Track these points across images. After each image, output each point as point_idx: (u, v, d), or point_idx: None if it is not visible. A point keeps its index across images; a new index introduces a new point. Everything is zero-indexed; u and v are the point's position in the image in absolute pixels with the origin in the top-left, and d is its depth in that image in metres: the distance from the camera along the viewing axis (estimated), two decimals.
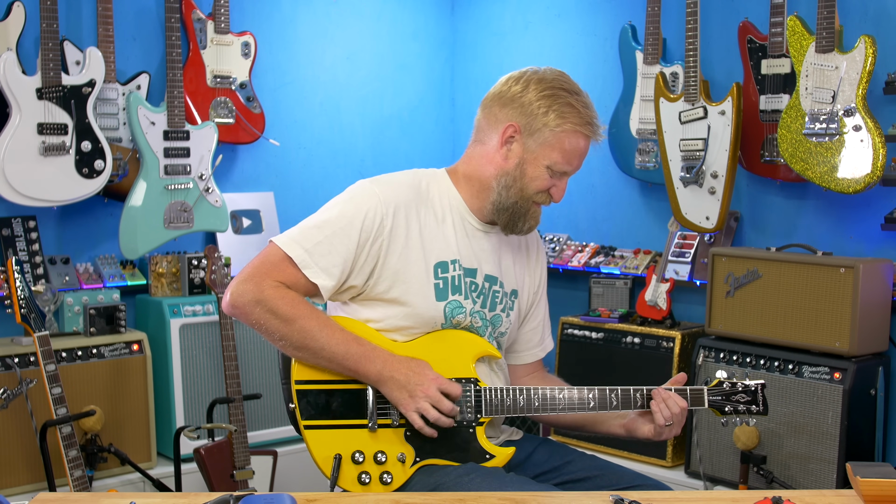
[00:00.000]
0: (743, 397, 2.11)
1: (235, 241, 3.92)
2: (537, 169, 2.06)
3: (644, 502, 1.67)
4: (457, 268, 2.08)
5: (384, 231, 2.00)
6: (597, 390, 2.05)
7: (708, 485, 3.33)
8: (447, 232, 2.08)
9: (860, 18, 3.28)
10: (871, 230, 3.31)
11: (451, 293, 2.06)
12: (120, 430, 3.42)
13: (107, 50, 3.50)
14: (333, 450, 1.97)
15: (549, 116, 2.03)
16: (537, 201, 2.09)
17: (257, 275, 1.97)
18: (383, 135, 4.52)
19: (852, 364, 3.05)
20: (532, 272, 2.26)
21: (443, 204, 2.11)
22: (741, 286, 3.34)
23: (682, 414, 2.04)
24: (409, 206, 2.05)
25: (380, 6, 4.48)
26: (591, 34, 4.18)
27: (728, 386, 2.11)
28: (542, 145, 2.04)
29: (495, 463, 2.04)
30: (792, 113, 3.24)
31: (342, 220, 1.99)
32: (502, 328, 2.16)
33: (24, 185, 3.30)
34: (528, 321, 2.27)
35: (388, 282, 2.02)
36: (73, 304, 3.48)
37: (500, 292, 2.15)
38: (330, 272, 1.98)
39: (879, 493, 1.64)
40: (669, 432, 2.06)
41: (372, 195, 2.02)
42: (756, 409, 2.12)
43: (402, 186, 2.07)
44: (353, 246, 1.99)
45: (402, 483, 1.99)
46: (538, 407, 2.04)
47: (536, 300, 2.28)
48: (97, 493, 2.42)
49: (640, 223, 4.04)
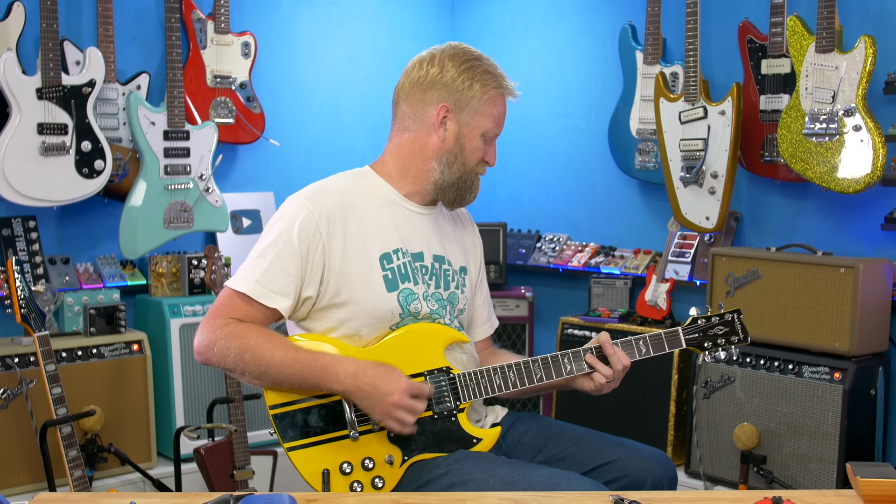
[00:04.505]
0: (720, 329, 2.13)
1: (235, 241, 3.92)
2: (474, 140, 2.11)
3: (644, 502, 1.67)
4: (401, 255, 2.10)
5: (321, 238, 2.03)
6: (550, 358, 2.09)
7: (708, 485, 3.33)
8: (385, 223, 2.11)
9: (860, 18, 3.28)
10: (871, 230, 3.31)
11: (402, 282, 2.08)
12: (120, 430, 3.42)
13: (107, 50, 3.50)
14: (320, 466, 1.96)
15: (474, 88, 2.09)
16: (478, 172, 2.15)
17: (210, 318, 2.00)
18: (383, 135, 4.45)
19: (852, 364, 3.05)
20: (473, 247, 2.31)
21: (373, 197, 2.13)
22: (741, 286, 3.34)
23: (624, 371, 2.09)
24: (342, 208, 2.07)
25: (380, 6, 4.48)
26: (591, 34, 4.18)
27: (703, 321, 2.13)
28: (475, 116, 2.10)
29: (482, 446, 2.04)
30: (792, 113, 3.24)
31: (280, 240, 2.02)
32: (460, 305, 2.19)
33: (24, 185, 3.30)
34: (475, 297, 2.31)
35: (336, 285, 2.04)
36: (73, 304, 3.48)
37: (450, 270, 2.17)
38: (285, 293, 2.00)
39: (879, 493, 1.64)
40: (608, 388, 2.10)
41: (302, 208, 2.05)
42: (736, 338, 2.13)
43: (329, 192, 2.11)
44: (298, 261, 2.01)
45: (395, 484, 1.99)
46: (514, 383, 2.06)
47: (480, 275, 2.32)
48: (97, 493, 2.42)
49: (640, 223, 4.04)
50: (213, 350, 1.97)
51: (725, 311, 2.15)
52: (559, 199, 4.35)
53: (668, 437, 3.50)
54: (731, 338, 2.14)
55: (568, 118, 4.30)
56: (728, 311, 2.14)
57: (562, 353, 2.09)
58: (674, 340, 2.12)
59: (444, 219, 2.23)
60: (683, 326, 2.14)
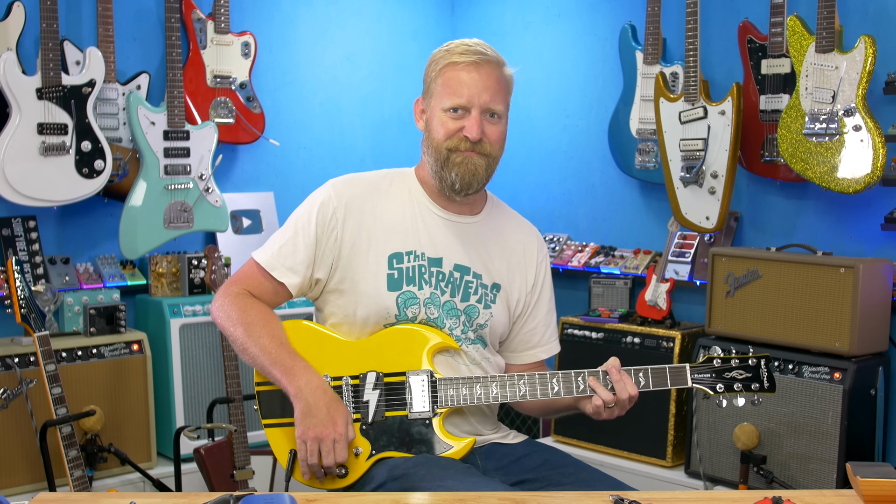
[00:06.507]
0: (740, 374, 2.00)
1: (235, 241, 3.92)
2: (436, 117, 2.10)
3: (644, 502, 1.67)
4: (414, 258, 2.09)
5: (337, 223, 2.09)
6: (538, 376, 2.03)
7: (708, 485, 3.33)
8: (406, 223, 2.12)
9: (860, 18, 3.28)
10: (871, 230, 3.31)
11: (406, 284, 2.08)
12: (120, 430, 3.42)
13: (107, 50, 3.50)
14: (290, 446, 2.01)
15: (431, 72, 2.12)
16: (451, 147, 2.08)
17: (229, 283, 2.13)
18: (383, 135, 4.52)
19: (852, 364, 3.05)
20: (525, 271, 2.23)
21: (403, 198, 2.14)
22: (741, 286, 3.34)
23: (630, 401, 1.99)
24: (364, 200, 2.11)
25: (380, 6, 4.48)
26: (591, 34, 4.18)
27: (719, 362, 2.00)
28: (434, 96, 2.11)
29: (453, 454, 2.02)
30: (792, 113, 3.24)
31: (301, 219, 2.11)
32: (480, 320, 2.14)
33: (24, 185, 3.30)
34: (525, 321, 2.25)
35: (342, 272, 2.09)
36: (73, 304, 3.48)
37: (473, 283, 2.14)
38: (295, 269, 2.09)
39: (879, 493, 1.64)
40: (610, 414, 2.01)
41: (326, 191, 2.12)
42: (757, 386, 1.98)
43: (360, 182, 2.16)
44: (313, 240, 2.09)
45: (360, 476, 1.99)
46: (496, 396, 2.03)
47: (533, 301, 2.25)
48: (97, 493, 2.42)
49: (640, 223, 4.04)
50: (219, 314, 2.08)
51: (751, 356, 2.01)
52: (559, 199, 4.35)
53: (668, 437, 3.50)
54: (752, 385, 1.99)
55: (568, 118, 4.30)
56: (755, 356, 1.99)
57: (551, 373, 2.03)
58: (679, 377, 2.00)
59: (490, 231, 2.19)
60: (693, 364, 2.01)
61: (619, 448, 3.63)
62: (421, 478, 1.88)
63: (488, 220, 2.21)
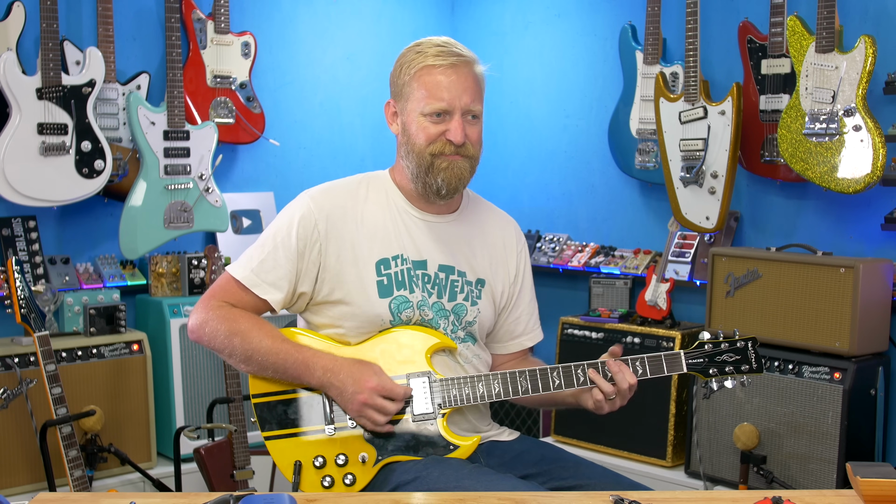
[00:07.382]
0: (730, 356, 2.02)
1: (235, 241, 3.92)
2: (415, 122, 2.07)
3: (644, 502, 1.67)
4: (400, 263, 2.08)
5: (320, 235, 2.05)
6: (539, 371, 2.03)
7: (708, 485, 3.33)
8: (388, 229, 2.10)
9: (860, 18, 3.28)
10: (871, 230, 3.31)
11: (397, 289, 2.07)
12: (120, 430, 3.42)
13: (107, 50, 3.50)
14: (294, 457, 1.99)
15: (405, 75, 2.08)
16: (434, 152, 2.06)
17: (205, 299, 2.08)
18: (383, 135, 4.51)
19: (852, 364, 3.05)
20: (506, 263, 2.24)
21: (382, 203, 2.13)
22: (741, 286, 3.34)
23: (630, 391, 2.00)
24: (344, 209, 2.08)
25: (380, 6, 4.48)
26: (591, 34, 4.18)
27: (710, 346, 2.02)
28: (410, 99, 2.07)
29: (459, 453, 2.02)
30: (792, 113, 3.24)
31: (280, 233, 2.07)
32: (468, 317, 2.14)
33: (24, 185, 3.30)
34: (510, 312, 2.26)
35: (331, 284, 2.06)
36: (73, 304, 3.48)
37: (459, 281, 2.14)
38: (278, 285, 2.05)
39: (879, 493, 1.64)
40: (612, 405, 2.02)
41: (304, 205, 2.08)
42: (747, 367, 2.02)
43: (337, 192, 2.12)
44: (294, 254, 2.05)
45: (367, 483, 1.99)
46: (498, 393, 2.02)
47: (516, 291, 2.26)
48: (97, 493, 2.42)
49: (640, 223, 4.04)
50: (205, 330, 2.03)
51: (739, 338, 2.03)
52: (559, 199, 4.35)
53: (668, 437, 3.50)
54: (742, 367, 2.01)
55: (568, 118, 4.30)
56: (742, 338, 2.02)
57: (552, 368, 2.03)
58: (674, 363, 2.02)
59: (469, 228, 2.19)
60: (687, 350, 2.03)
61: (619, 448, 3.63)
62: (435, 480, 1.88)
63: (466, 215, 2.20)
